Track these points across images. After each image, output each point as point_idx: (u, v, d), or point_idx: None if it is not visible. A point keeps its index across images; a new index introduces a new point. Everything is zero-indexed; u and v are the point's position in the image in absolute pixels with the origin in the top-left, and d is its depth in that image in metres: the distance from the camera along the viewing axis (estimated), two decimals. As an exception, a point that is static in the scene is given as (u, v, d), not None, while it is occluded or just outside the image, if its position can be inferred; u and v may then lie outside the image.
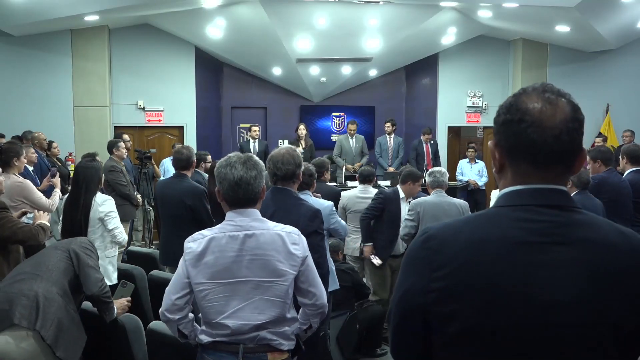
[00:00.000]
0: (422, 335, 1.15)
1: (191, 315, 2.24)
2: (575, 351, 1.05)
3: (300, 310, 2.31)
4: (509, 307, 1.05)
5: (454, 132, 10.67)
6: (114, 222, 3.96)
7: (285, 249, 2.16)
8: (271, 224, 2.22)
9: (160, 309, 2.24)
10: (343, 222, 4.03)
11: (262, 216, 2.27)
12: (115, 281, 3.85)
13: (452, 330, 1.09)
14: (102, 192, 4.23)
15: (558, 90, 1.14)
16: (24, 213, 3.68)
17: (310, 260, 2.24)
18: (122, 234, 4.01)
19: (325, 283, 2.96)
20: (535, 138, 1.09)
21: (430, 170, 4.85)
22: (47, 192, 4.86)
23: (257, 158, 2.27)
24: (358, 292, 4.76)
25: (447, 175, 4.84)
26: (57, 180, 5.03)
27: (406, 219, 4.70)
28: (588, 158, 4.63)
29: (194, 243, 2.19)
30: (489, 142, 1.20)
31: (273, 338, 2.17)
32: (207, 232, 2.20)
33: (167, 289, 2.23)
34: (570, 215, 1.11)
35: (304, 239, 2.24)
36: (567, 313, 1.05)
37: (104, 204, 3.89)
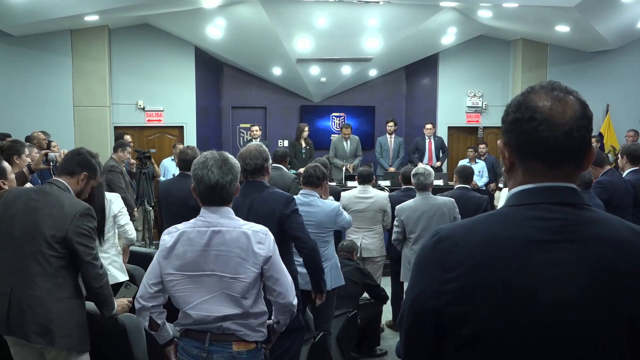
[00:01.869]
0: (434, 338, 1.14)
1: (164, 310, 2.37)
2: (591, 349, 1.05)
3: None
4: (523, 307, 1.05)
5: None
6: (125, 218, 4.12)
7: (249, 248, 2.23)
8: (240, 222, 2.30)
9: (136, 296, 2.39)
10: (347, 216, 4.08)
11: (240, 209, 2.41)
12: (123, 279, 3.85)
13: (466, 332, 1.08)
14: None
15: (566, 88, 1.14)
16: (46, 155, 3.84)
17: (277, 260, 2.30)
18: (132, 230, 4.19)
19: (314, 255, 3.20)
20: (546, 136, 1.09)
21: (414, 172, 4.73)
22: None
23: (232, 159, 2.36)
24: (374, 295, 4.80)
25: (433, 174, 4.75)
26: None
27: (394, 225, 4.75)
28: None
29: (168, 236, 2.34)
30: (498, 142, 1.20)
31: (238, 329, 2.26)
32: (181, 226, 2.34)
33: (144, 277, 2.37)
34: (581, 212, 1.11)
35: (271, 238, 2.30)
36: (581, 311, 1.04)
37: (114, 203, 3.97)
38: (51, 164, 3.90)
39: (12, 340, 2.71)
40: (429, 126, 9.22)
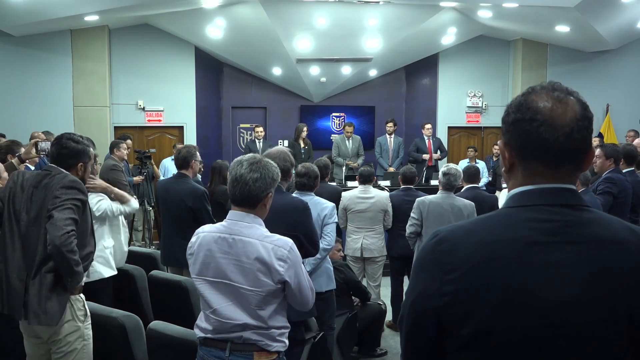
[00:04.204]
0: (434, 339, 1.14)
1: None
2: (590, 349, 1.05)
3: None
4: (522, 308, 1.05)
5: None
6: (100, 201, 3.73)
7: (269, 262, 2.16)
8: (264, 234, 2.22)
9: None
10: (332, 233, 3.93)
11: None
12: (108, 274, 3.70)
13: (465, 333, 1.08)
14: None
15: (567, 89, 1.14)
16: (36, 144, 3.86)
17: (300, 283, 2.24)
18: (106, 204, 3.71)
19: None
20: (547, 137, 1.09)
21: (446, 171, 4.70)
22: None
23: (270, 164, 2.28)
24: (356, 292, 4.74)
25: (461, 176, 4.78)
26: None
27: (411, 217, 4.69)
28: (600, 153, 4.66)
29: (194, 237, 2.31)
30: (499, 142, 1.20)
31: (259, 339, 2.21)
32: (207, 229, 2.30)
33: None
34: (580, 214, 1.11)
35: (295, 258, 2.21)
36: (580, 312, 1.04)
37: (98, 204, 3.77)
38: (42, 154, 3.91)
39: (24, 327, 2.77)
40: (428, 126, 9.23)
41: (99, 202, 3.70)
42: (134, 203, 3.95)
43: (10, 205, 2.77)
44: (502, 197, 7.13)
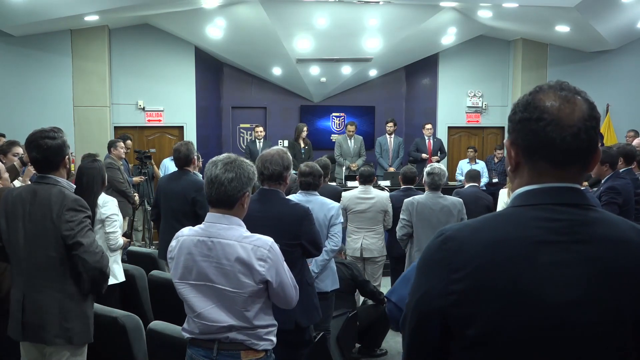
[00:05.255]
0: (438, 339, 1.13)
1: None
2: (596, 350, 1.05)
3: None
4: (528, 308, 1.04)
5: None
6: (114, 225, 3.81)
7: (249, 262, 2.15)
8: (243, 235, 2.20)
9: None
10: (338, 235, 3.92)
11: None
12: (122, 279, 3.82)
13: (471, 333, 1.07)
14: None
15: (574, 88, 1.13)
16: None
17: (282, 282, 2.23)
18: (116, 239, 3.81)
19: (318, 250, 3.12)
20: (554, 136, 1.08)
21: (430, 170, 4.74)
22: None
23: (245, 163, 2.26)
24: (365, 293, 4.75)
25: (446, 175, 4.81)
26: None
27: (401, 219, 4.71)
28: None
29: (174, 241, 2.29)
30: (504, 141, 1.20)
31: (245, 338, 2.21)
32: (186, 231, 2.28)
33: None
34: (587, 213, 1.11)
35: (275, 257, 2.19)
36: (586, 312, 1.04)
37: (105, 206, 3.81)
38: None
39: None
40: (428, 126, 9.24)
41: (114, 230, 3.78)
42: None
43: (5, 226, 2.72)
44: (502, 195, 7.13)
